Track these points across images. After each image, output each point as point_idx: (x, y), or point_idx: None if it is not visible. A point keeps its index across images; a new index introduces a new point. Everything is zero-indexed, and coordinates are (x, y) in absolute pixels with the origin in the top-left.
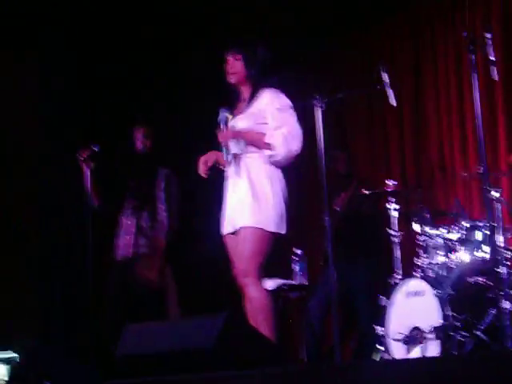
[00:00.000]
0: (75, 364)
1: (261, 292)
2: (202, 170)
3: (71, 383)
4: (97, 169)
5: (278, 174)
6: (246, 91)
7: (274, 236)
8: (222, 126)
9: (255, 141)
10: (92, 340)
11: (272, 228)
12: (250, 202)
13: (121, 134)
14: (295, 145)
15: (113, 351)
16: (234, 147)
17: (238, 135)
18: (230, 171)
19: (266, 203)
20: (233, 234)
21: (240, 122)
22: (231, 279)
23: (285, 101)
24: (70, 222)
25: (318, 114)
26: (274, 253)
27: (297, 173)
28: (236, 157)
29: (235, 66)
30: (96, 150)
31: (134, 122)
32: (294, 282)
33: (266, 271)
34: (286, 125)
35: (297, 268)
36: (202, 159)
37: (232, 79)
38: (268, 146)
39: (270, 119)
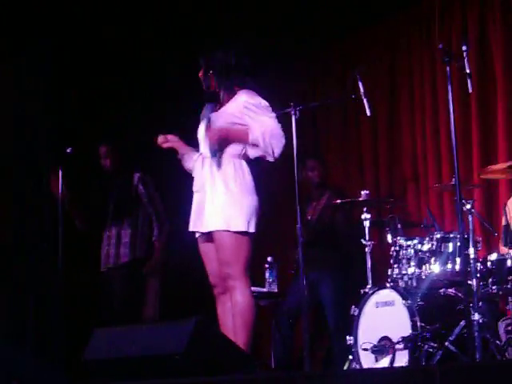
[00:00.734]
0: (43, 365)
1: (247, 297)
2: (163, 141)
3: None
4: (69, 171)
5: (246, 170)
6: (223, 94)
7: (250, 235)
8: (206, 123)
9: (241, 136)
10: (62, 342)
11: (244, 227)
12: (220, 202)
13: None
14: (275, 144)
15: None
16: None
17: (225, 132)
18: (195, 170)
19: (235, 202)
20: (204, 235)
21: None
22: (202, 282)
23: (261, 102)
24: (42, 224)
25: (292, 122)
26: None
27: (270, 181)
28: (201, 155)
29: (205, 80)
30: (69, 151)
31: (99, 139)
32: (264, 290)
33: None
34: (266, 125)
35: (267, 275)
36: (171, 136)
37: (208, 91)
38: (252, 142)
39: (248, 119)
